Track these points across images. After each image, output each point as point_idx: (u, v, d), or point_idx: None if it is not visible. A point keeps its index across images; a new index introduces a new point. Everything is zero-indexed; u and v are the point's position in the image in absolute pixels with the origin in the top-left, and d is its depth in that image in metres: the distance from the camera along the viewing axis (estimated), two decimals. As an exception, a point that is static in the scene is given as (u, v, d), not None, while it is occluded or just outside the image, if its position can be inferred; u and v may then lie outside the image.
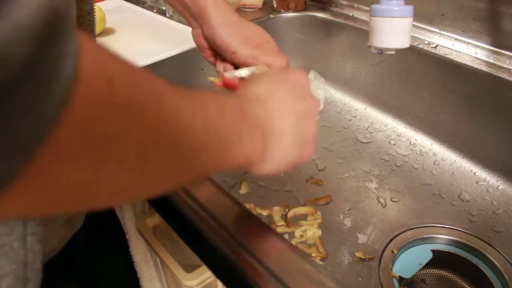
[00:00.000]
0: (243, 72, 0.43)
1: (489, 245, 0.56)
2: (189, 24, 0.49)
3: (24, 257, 0.25)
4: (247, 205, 0.61)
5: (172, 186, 0.25)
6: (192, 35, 0.49)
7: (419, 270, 0.55)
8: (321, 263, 0.54)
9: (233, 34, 0.44)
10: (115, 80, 0.17)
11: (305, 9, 0.85)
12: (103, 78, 0.16)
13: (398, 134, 0.74)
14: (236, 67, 0.46)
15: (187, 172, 0.25)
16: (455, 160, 0.68)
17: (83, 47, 0.15)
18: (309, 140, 0.35)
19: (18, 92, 0.12)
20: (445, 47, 0.67)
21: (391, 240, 0.57)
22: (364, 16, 0.79)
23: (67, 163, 0.16)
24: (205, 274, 0.46)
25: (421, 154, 0.70)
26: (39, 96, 0.13)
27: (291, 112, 0.34)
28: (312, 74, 0.84)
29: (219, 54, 0.47)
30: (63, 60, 0.14)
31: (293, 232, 0.58)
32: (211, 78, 0.44)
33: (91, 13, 0.37)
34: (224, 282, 0.40)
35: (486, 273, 0.54)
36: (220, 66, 0.47)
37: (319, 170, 0.69)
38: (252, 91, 0.34)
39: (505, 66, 0.61)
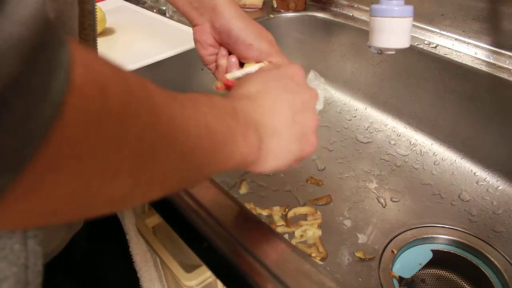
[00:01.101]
0: (245, 71, 0.43)
1: (489, 245, 0.56)
2: (191, 21, 0.47)
3: (25, 260, 0.25)
4: (247, 205, 0.61)
5: (168, 191, 0.25)
6: (195, 32, 0.47)
7: (419, 270, 0.55)
8: (321, 263, 0.54)
9: (249, 27, 0.44)
10: (108, 88, 0.16)
11: (305, 9, 0.85)
12: (97, 87, 0.16)
13: (398, 134, 0.74)
14: (241, 63, 0.46)
15: (182, 176, 0.25)
16: (455, 160, 0.68)
17: (75, 55, 0.15)
18: (308, 133, 0.35)
19: (5, 108, 0.12)
20: (445, 47, 0.67)
21: (391, 240, 0.57)
22: (364, 16, 0.79)
23: (60, 176, 0.15)
24: (205, 274, 0.46)
25: (421, 154, 0.70)
26: (28, 111, 0.13)
27: (285, 107, 0.34)
28: (312, 74, 0.84)
29: (223, 48, 0.46)
30: (55, 73, 0.13)
31: (293, 232, 0.58)
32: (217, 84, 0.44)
33: (92, 13, 0.37)
34: (224, 282, 0.40)
35: (486, 273, 0.54)
36: (224, 60, 0.46)
37: (319, 170, 0.69)
38: (243, 90, 0.34)
39: (505, 66, 0.61)
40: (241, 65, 0.46)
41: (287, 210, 0.61)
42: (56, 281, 0.46)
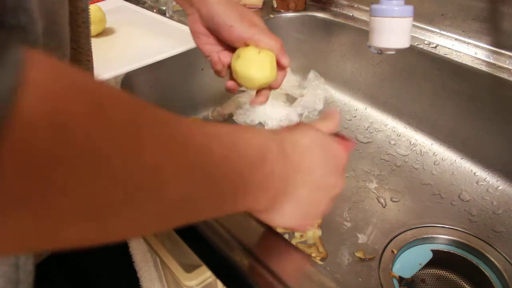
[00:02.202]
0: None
1: (489, 245, 0.56)
2: (185, 11, 0.50)
3: (15, 259, 0.25)
4: (247, 205, 0.61)
5: (148, 233, 0.23)
6: (188, 22, 0.50)
7: (419, 270, 0.55)
8: (321, 263, 0.54)
9: (230, 10, 0.45)
10: (69, 126, 0.13)
11: (305, 9, 0.85)
12: (52, 123, 0.13)
13: (398, 134, 0.74)
14: (233, 51, 0.47)
15: (168, 222, 0.22)
16: (455, 160, 0.68)
17: (31, 78, 0.12)
18: (313, 214, 0.34)
19: None
20: (445, 47, 0.67)
21: (391, 240, 0.57)
22: (364, 16, 0.79)
23: (2, 220, 0.13)
24: (205, 274, 0.46)
25: (421, 154, 0.70)
26: None
27: (313, 180, 0.32)
28: (312, 74, 0.84)
29: (213, 38, 0.48)
30: None
31: (293, 232, 0.58)
32: None
33: (86, 10, 0.36)
34: (224, 282, 0.40)
35: (486, 273, 0.54)
36: (215, 55, 0.48)
37: (319, 170, 0.69)
38: (292, 141, 0.31)
39: (505, 66, 0.61)
40: (233, 50, 0.47)
41: (287, 210, 0.61)
42: (54, 280, 0.46)
